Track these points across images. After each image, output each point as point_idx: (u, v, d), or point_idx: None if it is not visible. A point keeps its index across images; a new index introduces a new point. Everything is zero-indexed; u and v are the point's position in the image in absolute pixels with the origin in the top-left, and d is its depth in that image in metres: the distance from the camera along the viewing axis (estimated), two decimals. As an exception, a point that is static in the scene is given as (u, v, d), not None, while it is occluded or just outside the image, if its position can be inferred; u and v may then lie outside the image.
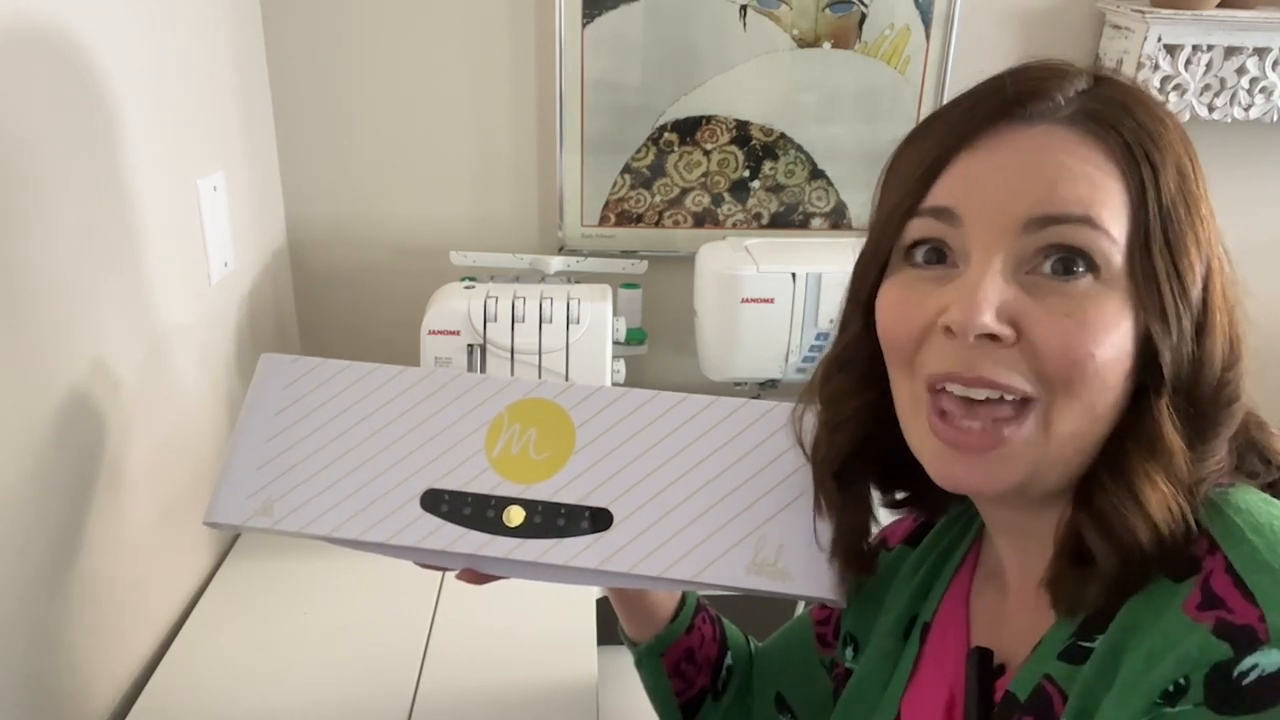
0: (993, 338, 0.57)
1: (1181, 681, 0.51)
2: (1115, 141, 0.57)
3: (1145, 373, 0.58)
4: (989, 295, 0.56)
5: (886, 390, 0.66)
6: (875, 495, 0.76)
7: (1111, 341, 0.56)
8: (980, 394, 0.58)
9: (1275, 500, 0.58)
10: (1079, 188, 0.56)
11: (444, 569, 0.84)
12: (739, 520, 0.79)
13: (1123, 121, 0.58)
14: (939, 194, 0.60)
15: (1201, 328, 0.58)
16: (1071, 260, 0.56)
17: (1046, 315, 0.56)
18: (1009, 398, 0.58)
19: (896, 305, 0.63)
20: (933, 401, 0.61)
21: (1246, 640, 0.50)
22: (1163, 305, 0.56)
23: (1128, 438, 0.58)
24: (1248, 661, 0.49)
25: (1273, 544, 0.53)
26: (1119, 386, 0.57)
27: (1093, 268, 0.56)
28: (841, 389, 0.71)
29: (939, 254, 0.61)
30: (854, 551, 0.75)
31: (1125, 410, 0.59)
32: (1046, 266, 0.57)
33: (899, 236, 0.62)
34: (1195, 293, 0.57)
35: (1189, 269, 0.57)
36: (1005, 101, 0.59)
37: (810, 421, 0.75)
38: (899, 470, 0.73)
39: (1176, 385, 0.57)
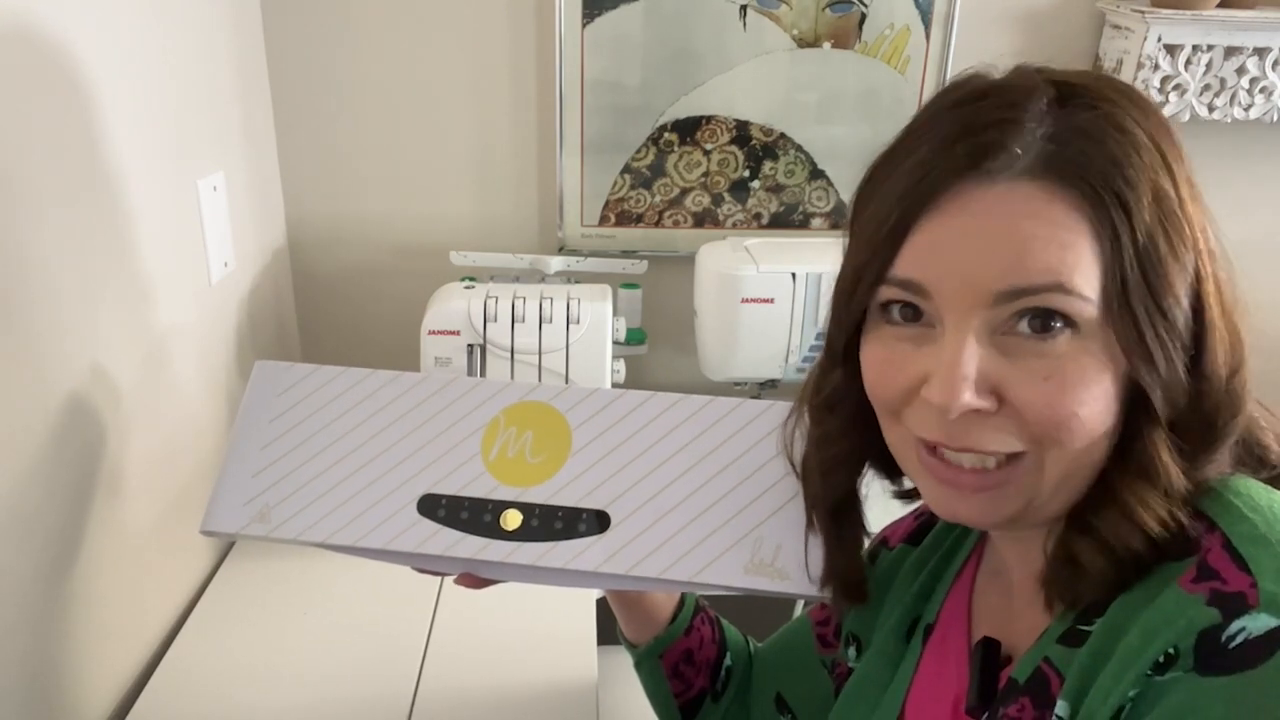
0: (975, 410, 0.56)
1: (1171, 651, 0.51)
2: (1082, 190, 0.54)
3: (1137, 406, 0.57)
4: (967, 372, 0.56)
5: (878, 426, 0.66)
6: (886, 486, 0.76)
7: (1094, 396, 0.55)
8: (968, 460, 0.59)
9: (1274, 488, 0.58)
10: (1047, 255, 0.54)
11: (442, 574, 0.84)
12: (736, 520, 0.79)
13: (1089, 162, 0.55)
14: (905, 264, 0.58)
15: (1198, 351, 0.57)
16: (1048, 318, 0.55)
17: (1026, 379, 0.56)
18: (996, 459, 0.58)
19: (880, 366, 0.62)
20: (922, 443, 0.61)
21: (1236, 605, 0.50)
22: (1147, 348, 0.55)
23: (1122, 466, 0.58)
24: (1235, 625, 0.50)
25: (1271, 521, 0.54)
26: (1110, 427, 0.57)
27: (1070, 324, 0.55)
28: (833, 431, 0.71)
29: (915, 310, 0.60)
30: (846, 583, 0.75)
31: (1118, 438, 0.58)
32: (1023, 326, 0.56)
33: (871, 295, 0.61)
34: (1183, 322, 0.56)
35: (1174, 304, 0.55)
36: (961, 163, 0.56)
37: (802, 434, 0.75)
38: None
39: (1175, 412, 0.57)
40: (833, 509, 0.73)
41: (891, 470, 0.73)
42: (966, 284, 0.56)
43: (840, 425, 0.70)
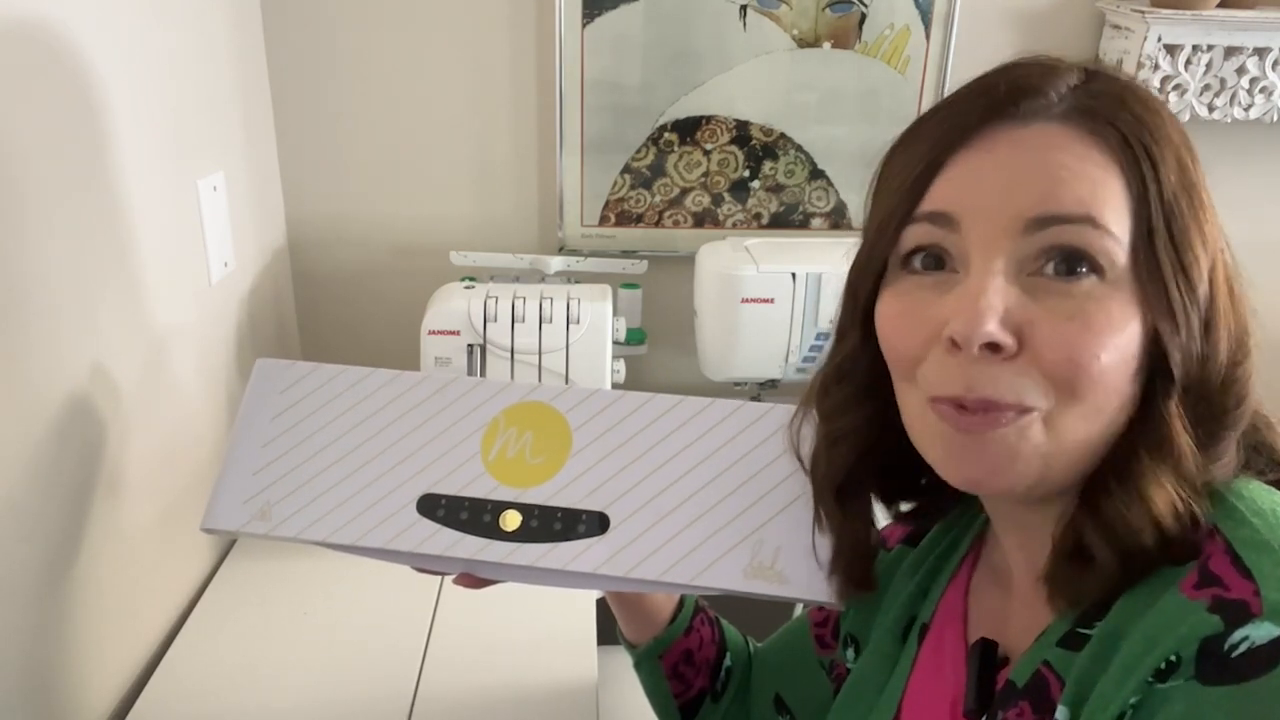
0: (995, 348, 0.55)
1: (1173, 658, 0.51)
2: (1113, 137, 0.56)
3: (1154, 373, 0.57)
4: (993, 302, 0.55)
5: (888, 401, 0.65)
6: (878, 507, 0.75)
7: (1117, 344, 0.55)
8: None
9: (1277, 490, 0.58)
10: (1079, 187, 0.55)
11: (441, 574, 0.84)
12: (736, 523, 0.78)
13: (1119, 116, 0.56)
14: (935, 198, 0.59)
15: (1209, 324, 0.57)
16: (1075, 261, 0.55)
17: (1049, 318, 0.55)
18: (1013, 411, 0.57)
19: (898, 316, 0.61)
20: (936, 405, 0.60)
21: (1239, 614, 0.50)
22: (1170, 304, 0.55)
23: (1137, 439, 0.57)
24: (1238, 634, 0.49)
25: (1274, 526, 0.53)
26: (1126, 389, 0.56)
27: (1096, 268, 0.55)
28: (842, 401, 0.69)
29: (938, 260, 0.59)
30: (855, 568, 0.74)
31: (1134, 411, 0.57)
32: (1049, 268, 0.56)
33: (895, 244, 0.61)
34: (1202, 289, 0.56)
35: (1194, 264, 0.56)
36: (997, 101, 0.58)
37: (808, 432, 0.74)
38: (903, 482, 0.73)
39: (1186, 385, 0.56)
40: (838, 489, 0.72)
41: (889, 490, 0.74)
42: (998, 210, 0.56)
43: (849, 396, 0.69)
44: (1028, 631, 0.63)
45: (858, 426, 0.69)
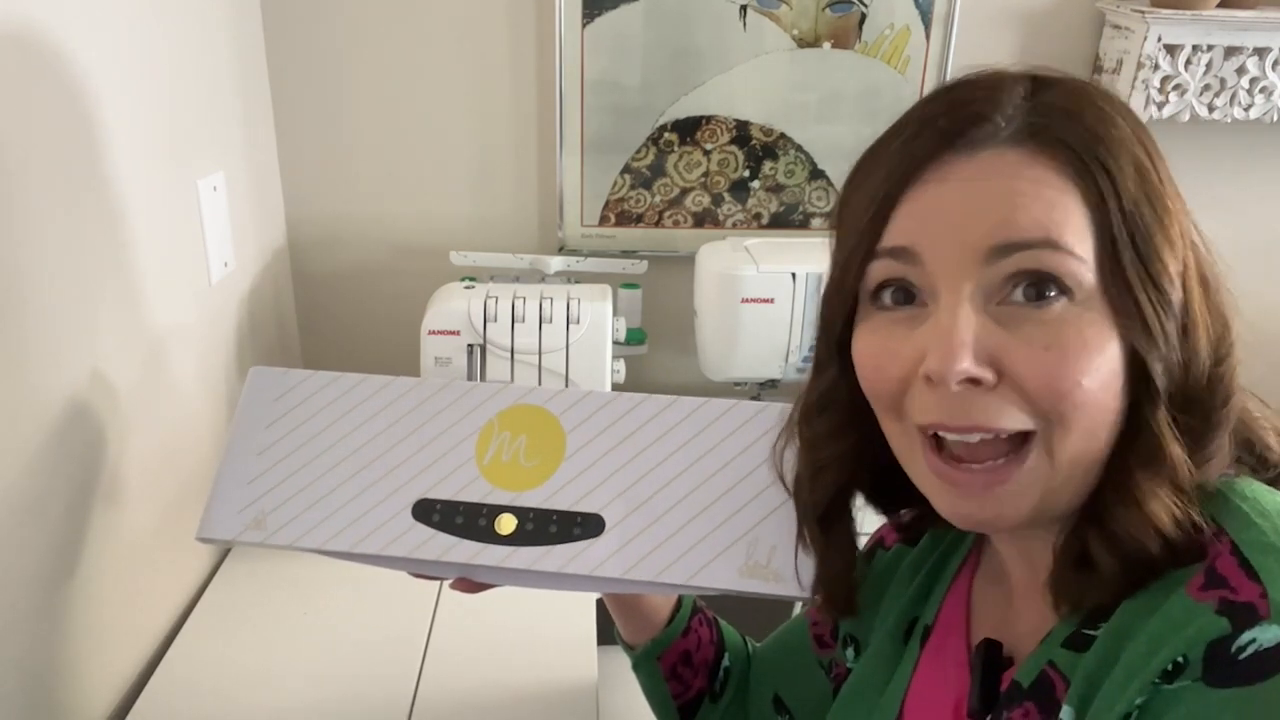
0: (975, 381, 0.55)
1: (1180, 660, 0.51)
2: (1065, 155, 0.55)
3: (1137, 385, 0.56)
4: (964, 338, 0.55)
5: (871, 429, 0.65)
6: (877, 513, 0.75)
7: (1098, 366, 0.55)
8: (975, 438, 0.57)
9: (1277, 489, 0.58)
10: (1036, 210, 0.54)
11: (438, 578, 0.84)
12: (731, 523, 0.79)
13: (1068, 130, 0.56)
14: (894, 234, 0.59)
15: (1187, 330, 0.56)
16: (1042, 285, 0.55)
17: (1026, 349, 0.55)
18: (1004, 435, 0.57)
19: (873, 355, 0.61)
20: (928, 442, 0.60)
21: (1246, 616, 0.50)
22: (1144, 318, 0.55)
23: (1129, 454, 0.57)
24: (1245, 636, 0.49)
25: (1279, 527, 0.53)
26: (1115, 406, 0.56)
27: (1064, 290, 0.55)
28: (824, 432, 0.69)
29: (907, 293, 0.59)
30: (838, 593, 0.74)
31: (1124, 425, 0.57)
32: (1018, 294, 0.55)
33: (861, 280, 0.61)
34: (1175, 295, 0.56)
35: (1163, 272, 0.55)
36: (942, 134, 0.57)
37: (791, 457, 0.74)
38: (897, 492, 0.73)
39: (1171, 392, 0.56)
40: (821, 517, 0.72)
41: (884, 499, 0.74)
42: (958, 242, 0.56)
43: (831, 427, 0.69)
44: (1032, 633, 0.63)
45: (841, 455, 0.69)
